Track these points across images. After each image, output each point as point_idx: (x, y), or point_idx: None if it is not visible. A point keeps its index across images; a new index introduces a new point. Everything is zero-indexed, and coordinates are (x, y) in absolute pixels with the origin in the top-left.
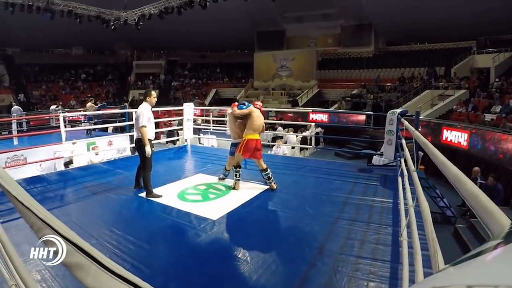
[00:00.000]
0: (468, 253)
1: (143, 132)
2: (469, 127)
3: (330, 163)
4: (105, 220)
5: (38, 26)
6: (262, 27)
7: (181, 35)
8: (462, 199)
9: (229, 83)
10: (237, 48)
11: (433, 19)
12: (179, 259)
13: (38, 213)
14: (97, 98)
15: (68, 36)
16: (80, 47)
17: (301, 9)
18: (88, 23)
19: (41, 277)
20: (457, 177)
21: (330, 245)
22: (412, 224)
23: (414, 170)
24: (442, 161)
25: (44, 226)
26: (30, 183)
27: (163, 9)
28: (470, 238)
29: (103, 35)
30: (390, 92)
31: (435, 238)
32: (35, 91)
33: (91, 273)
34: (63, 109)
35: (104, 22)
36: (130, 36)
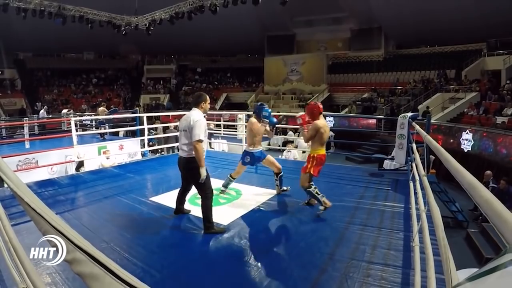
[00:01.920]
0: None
1: (199, 149)
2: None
3: (341, 168)
4: (116, 224)
5: (50, 31)
6: (272, 32)
7: (192, 40)
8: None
9: (239, 88)
10: (248, 52)
11: (443, 21)
12: (189, 263)
13: (51, 221)
14: (109, 103)
15: (79, 41)
16: (92, 52)
17: (311, 13)
18: (99, 28)
19: (52, 280)
20: (472, 184)
21: (341, 250)
22: (424, 229)
23: (424, 175)
24: (456, 167)
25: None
26: (41, 187)
27: (173, 14)
28: (482, 243)
29: (114, 40)
30: (401, 95)
31: (446, 244)
32: (46, 95)
33: (105, 284)
34: (74, 113)
35: (115, 27)
36: (141, 41)
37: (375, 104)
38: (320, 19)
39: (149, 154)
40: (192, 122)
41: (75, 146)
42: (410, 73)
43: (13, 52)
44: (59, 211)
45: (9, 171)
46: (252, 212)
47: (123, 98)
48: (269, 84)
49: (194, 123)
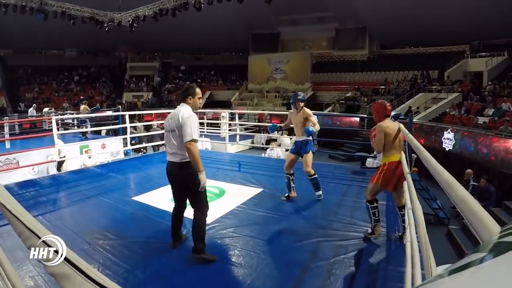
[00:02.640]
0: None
1: (194, 151)
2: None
3: (324, 166)
4: (99, 224)
5: (31, 27)
6: (257, 30)
7: (176, 37)
8: None
9: (223, 86)
10: (232, 50)
11: (427, 23)
12: (172, 263)
13: (26, 222)
14: (91, 101)
15: (61, 38)
16: (74, 49)
17: (296, 12)
18: (82, 24)
19: (34, 283)
20: (448, 183)
21: (325, 247)
22: (410, 226)
23: (407, 173)
24: (434, 166)
25: (31, 235)
26: (22, 187)
27: (157, 11)
28: (463, 239)
29: (97, 36)
30: (384, 95)
31: (427, 241)
32: (27, 93)
33: (76, 284)
34: (55, 112)
35: (98, 23)
36: (124, 38)
37: (359, 103)
38: (305, 18)
39: (132, 153)
40: (182, 119)
41: (56, 146)
42: (393, 73)
43: None
44: (41, 212)
45: None
46: (235, 210)
47: (106, 96)
48: (253, 82)
49: (184, 121)
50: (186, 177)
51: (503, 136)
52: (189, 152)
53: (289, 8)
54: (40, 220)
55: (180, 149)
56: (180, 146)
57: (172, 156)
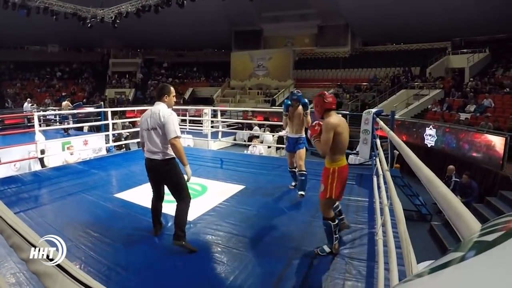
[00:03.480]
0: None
1: (179, 147)
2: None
3: (306, 163)
4: (81, 221)
5: (14, 22)
6: (240, 27)
7: (158, 34)
8: None
9: (205, 82)
10: (214, 47)
11: (410, 21)
12: (155, 260)
13: (8, 219)
14: (74, 97)
15: (44, 33)
16: (56, 45)
17: (278, 9)
18: (65, 20)
19: (16, 280)
20: (429, 179)
21: (306, 244)
22: (387, 223)
23: (387, 170)
24: (415, 163)
25: (14, 233)
26: (4, 184)
27: (140, 7)
28: (445, 235)
29: (79, 32)
30: (366, 91)
31: (407, 237)
32: (9, 89)
33: (58, 282)
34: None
35: (81, 19)
36: (106, 34)
37: (341, 100)
38: (287, 15)
39: (114, 149)
40: (163, 118)
41: (37, 142)
42: (375, 70)
43: None
44: (23, 209)
45: None
46: (217, 207)
47: (88, 92)
48: (235, 79)
49: (166, 119)
50: (169, 172)
51: (485, 132)
52: (174, 148)
53: (272, 5)
54: (22, 217)
55: (163, 146)
56: (163, 144)
57: (153, 154)
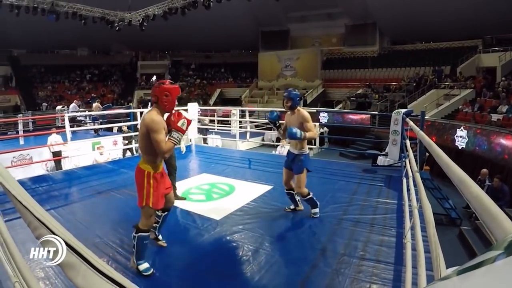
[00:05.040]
0: (472, 261)
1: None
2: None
3: (335, 163)
4: (109, 219)
5: (44, 28)
6: (266, 27)
7: (186, 36)
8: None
9: (233, 83)
10: (242, 48)
11: (438, 18)
12: (181, 258)
13: (35, 212)
14: (103, 99)
15: (73, 38)
16: (85, 48)
17: (305, 9)
18: (93, 24)
19: (45, 275)
20: (462, 180)
21: (333, 246)
22: (416, 226)
23: (416, 171)
24: (447, 163)
25: (40, 225)
26: (35, 182)
27: (167, 9)
28: (475, 241)
29: (108, 36)
30: (395, 91)
31: (437, 241)
32: (41, 91)
33: (81, 273)
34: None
35: (109, 23)
36: (134, 37)
37: (370, 100)
38: (314, 15)
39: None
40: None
41: (68, 142)
42: (405, 69)
43: (7, 49)
44: (53, 206)
45: (0, 166)
46: (245, 207)
47: (118, 94)
48: (263, 80)
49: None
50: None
51: None
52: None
53: (298, 5)
54: (52, 214)
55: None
56: None
57: None
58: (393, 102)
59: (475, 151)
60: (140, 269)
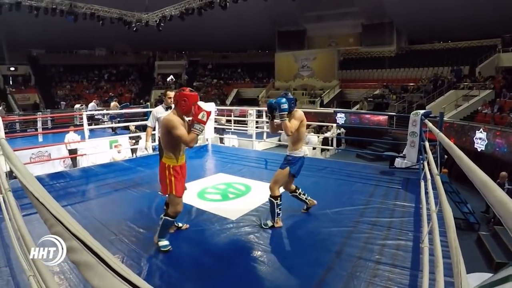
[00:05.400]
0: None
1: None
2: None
3: (351, 165)
4: (125, 216)
5: (62, 28)
6: (283, 27)
7: (202, 36)
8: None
9: (250, 83)
10: (258, 48)
11: (456, 16)
12: (195, 257)
13: (52, 210)
14: (121, 98)
15: (91, 38)
16: (103, 48)
17: (321, 8)
18: (111, 25)
19: (60, 269)
20: (485, 183)
21: (349, 249)
22: (434, 230)
23: (437, 174)
24: (469, 166)
25: (57, 223)
26: (53, 179)
27: (183, 10)
28: (493, 246)
29: (125, 36)
30: (413, 92)
31: (458, 246)
32: (59, 90)
33: (98, 274)
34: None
35: (126, 24)
36: (152, 37)
37: (387, 100)
38: (331, 14)
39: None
40: None
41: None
42: (422, 70)
43: (27, 49)
44: (70, 203)
45: (18, 162)
46: (261, 208)
47: (135, 93)
48: (280, 80)
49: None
50: None
51: None
52: None
53: (315, 5)
54: (69, 210)
55: None
56: None
57: None
58: (411, 103)
59: (494, 154)
60: (160, 245)
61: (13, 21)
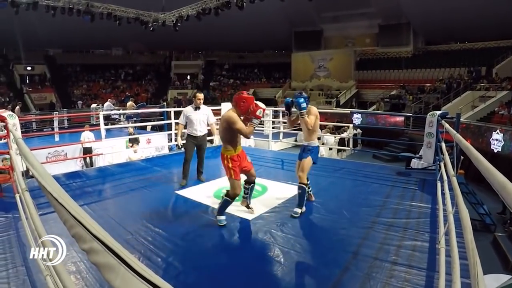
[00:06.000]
0: None
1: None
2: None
3: (368, 166)
4: (142, 216)
5: (79, 28)
6: (300, 27)
7: (219, 36)
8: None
9: (266, 83)
10: (275, 48)
11: (473, 17)
12: (212, 257)
13: (71, 210)
14: (137, 98)
15: (108, 38)
16: (120, 48)
17: (338, 9)
18: (127, 24)
19: (76, 269)
20: (503, 185)
21: (365, 249)
22: (451, 231)
23: (453, 175)
24: (486, 167)
25: (77, 224)
26: (69, 178)
27: (200, 10)
28: (509, 248)
29: (142, 36)
30: (430, 93)
31: (474, 248)
32: (76, 90)
33: (120, 275)
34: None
35: (143, 23)
36: (168, 37)
37: (404, 101)
38: (347, 15)
39: (176, 148)
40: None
41: (103, 140)
42: (439, 70)
43: (44, 48)
44: (87, 202)
45: (36, 162)
46: (277, 208)
47: (151, 93)
48: (296, 80)
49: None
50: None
51: None
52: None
53: (331, 5)
54: (85, 209)
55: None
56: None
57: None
58: (427, 104)
59: (511, 155)
60: (218, 219)
61: (30, 21)
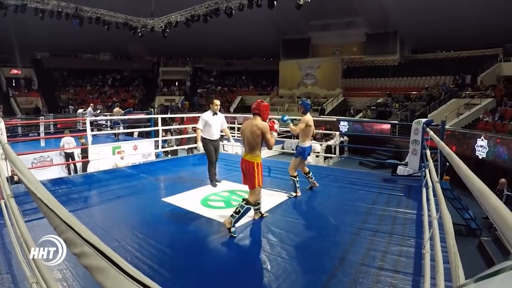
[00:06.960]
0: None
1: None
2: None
3: (354, 173)
4: (128, 223)
5: (67, 32)
6: (288, 35)
7: (207, 43)
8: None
9: (254, 91)
10: (263, 56)
11: (459, 26)
12: (199, 264)
13: (62, 216)
14: (124, 104)
15: (96, 42)
16: (108, 53)
17: (326, 17)
18: (116, 30)
19: (62, 276)
20: (481, 191)
21: (352, 255)
22: (435, 236)
23: (437, 181)
24: (466, 174)
25: (67, 229)
26: (55, 184)
27: (189, 17)
28: (495, 251)
29: (130, 41)
30: (416, 101)
31: (456, 252)
32: (63, 94)
33: (110, 277)
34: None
35: (132, 29)
36: (156, 43)
37: (390, 109)
38: (335, 23)
39: (163, 155)
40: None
41: (89, 146)
42: (425, 78)
43: (31, 51)
44: (72, 209)
45: (24, 168)
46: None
47: (139, 99)
48: (283, 88)
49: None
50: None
51: None
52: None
53: (320, 13)
54: None
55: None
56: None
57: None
58: (413, 111)
59: (495, 161)
60: (231, 230)
61: (18, 23)
